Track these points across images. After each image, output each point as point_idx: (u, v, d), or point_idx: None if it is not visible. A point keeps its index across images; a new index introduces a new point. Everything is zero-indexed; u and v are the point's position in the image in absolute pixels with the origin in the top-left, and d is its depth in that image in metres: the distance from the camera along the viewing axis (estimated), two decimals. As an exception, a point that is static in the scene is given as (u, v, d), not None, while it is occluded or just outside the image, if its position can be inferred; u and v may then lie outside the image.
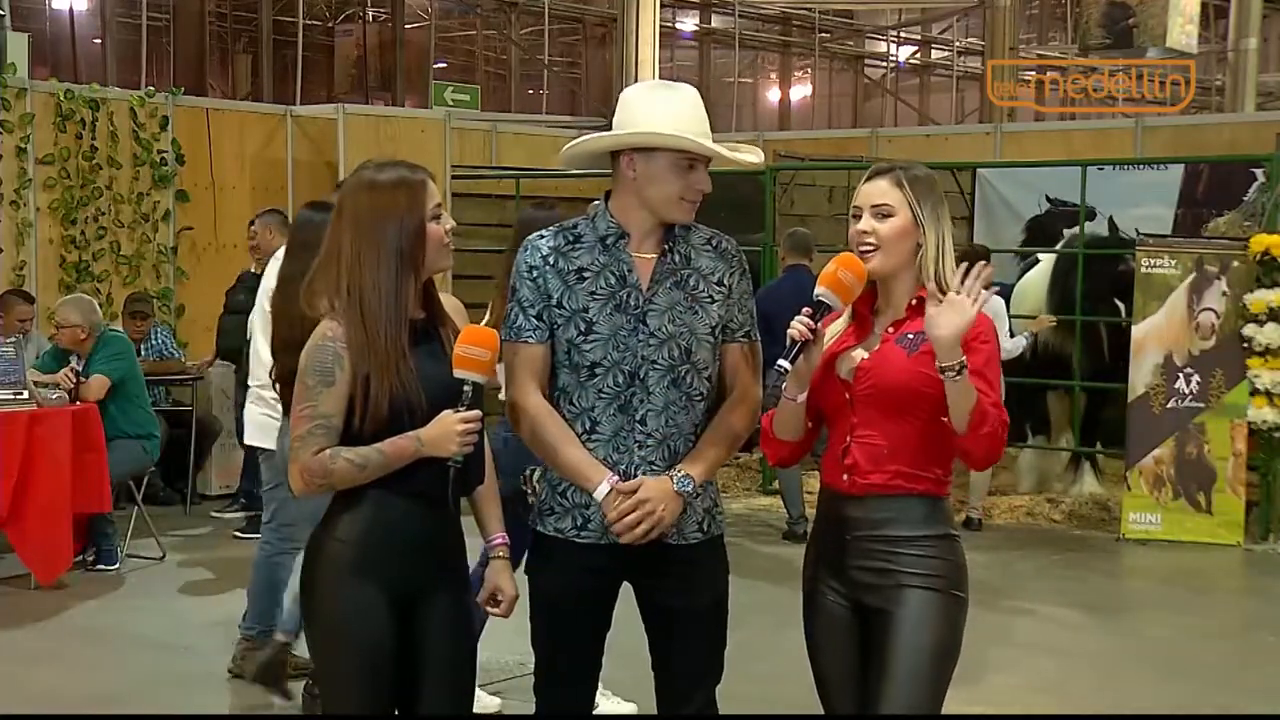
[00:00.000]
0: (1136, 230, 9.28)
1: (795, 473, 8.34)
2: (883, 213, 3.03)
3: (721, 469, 3.35)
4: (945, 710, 3.03)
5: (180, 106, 10.54)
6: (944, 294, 2.99)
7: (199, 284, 10.22)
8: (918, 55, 29.86)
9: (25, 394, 7.14)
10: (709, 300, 3.13)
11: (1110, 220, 9.67)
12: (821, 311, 2.97)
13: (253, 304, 8.89)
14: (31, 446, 7.01)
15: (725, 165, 3.29)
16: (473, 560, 3.29)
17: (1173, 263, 8.52)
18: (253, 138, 10.96)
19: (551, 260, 3.11)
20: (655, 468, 3.08)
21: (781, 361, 2.94)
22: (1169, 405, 8.45)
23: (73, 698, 5.51)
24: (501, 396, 3.18)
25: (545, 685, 3.22)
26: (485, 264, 11.65)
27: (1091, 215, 9.65)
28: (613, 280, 3.10)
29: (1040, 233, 10.66)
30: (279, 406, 4.98)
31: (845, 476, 3.04)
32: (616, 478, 3.02)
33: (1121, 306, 9.21)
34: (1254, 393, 8.31)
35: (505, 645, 5.20)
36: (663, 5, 18.47)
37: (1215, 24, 23.39)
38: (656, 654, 3.21)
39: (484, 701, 4.92)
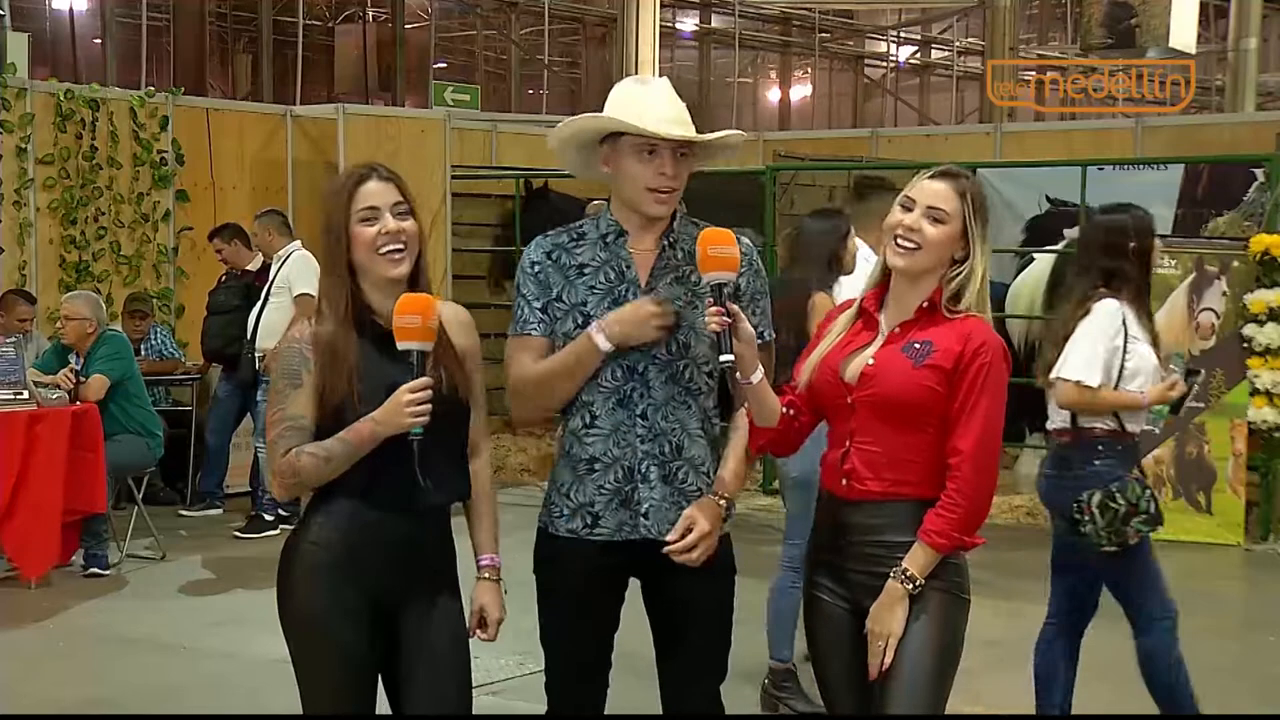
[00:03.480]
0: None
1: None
2: (936, 217, 2.99)
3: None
4: (945, 710, 3.03)
5: (180, 106, 10.54)
6: (956, 304, 2.98)
7: (199, 284, 10.20)
8: (918, 55, 29.83)
9: (25, 394, 7.15)
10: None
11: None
12: (721, 295, 2.90)
13: (234, 305, 8.93)
14: (31, 446, 7.02)
15: (716, 163, 3.28)
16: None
17: (1173, 263, 8.52)
18: (253, 138, 10.96)
19: (554, 256, 3.15)
20: (656, 461, 3.09)
21: (723, 357, 2.90)
22: (1169, 405, 8.44)
23: (72, 698, 5.52)
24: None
25: (557, 684, 3.22)
26: (486, 264, 11.69)
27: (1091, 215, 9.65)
28: (612, 275, 3.12)
29: (1041, 233, 10.65)
30: None
31: (844, 481, 3.03)
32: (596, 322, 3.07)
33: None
34: (1254, 393, 8.31)
35: (504, 645, 5.18)
36: (663, 5, 18.48)
37: (1215, 24, 23.37)
38: (661, 651, 3.22)
39: None
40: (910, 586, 2.93)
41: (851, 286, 5.19)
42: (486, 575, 3.09)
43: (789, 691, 5.22)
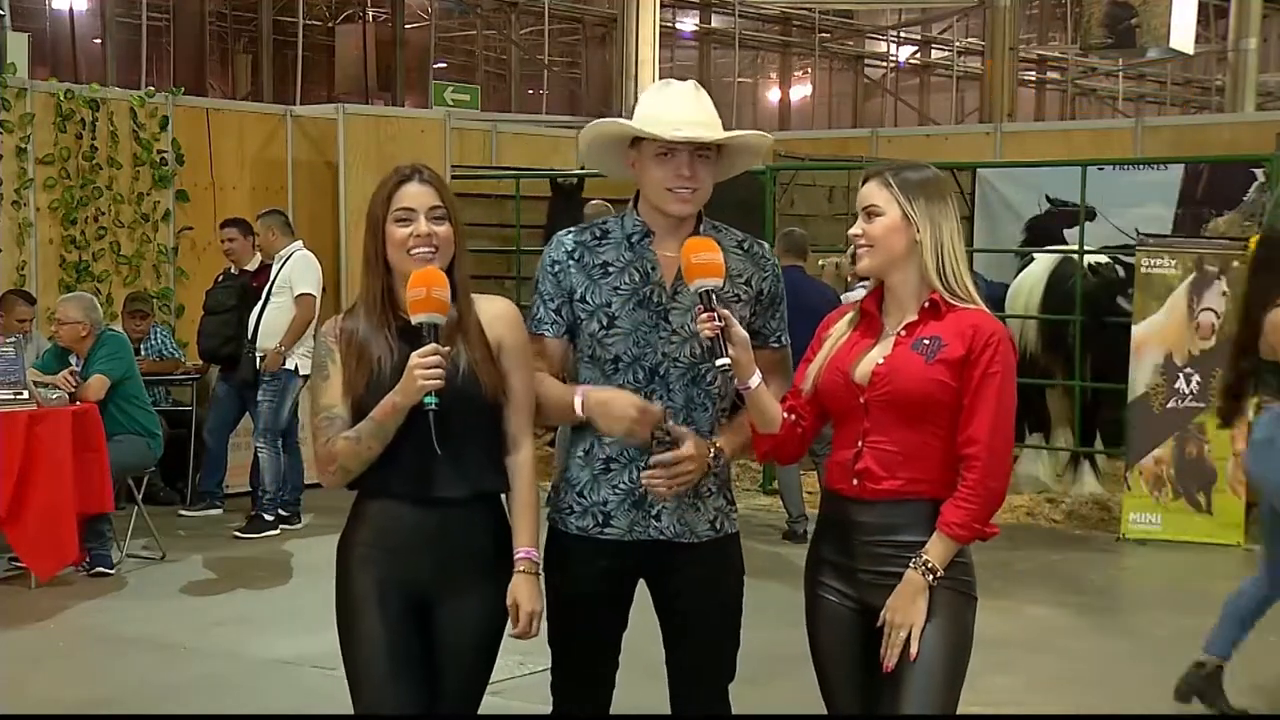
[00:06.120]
0: (1136, 230, 9.28)
1: (795, 472, 8.34)
2: (872, 213, 3.03)
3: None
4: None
5: (180, 106, 10.54)
6: (953, 295, 3.00)
7: (199, 284, 10.20)
8: (918, 55, 29.82)
9: (25, 394, 7.14)
10: (734, 299, 3.12)
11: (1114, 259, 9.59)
12: (711, 301, 2.94)
13: (230, 304, 8.91)
14: (31, 446, 7.01)
15: (738, 168, 3.28)
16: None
17: (1173, 263, 8.52)
18: (253, 138, 10.96)
19: (576, 255, 3.16)
20: None
21: (719, 361, 2.93)
22: (1169, 405, 8.45)
23: (72, 699, 5.52)
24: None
25: (564, 685, 3.23)
26: (486, 264, 11.69)
27: (1091, 215, 9.65)
28: (636, 277, 3.13)
29: (1040, 233, 10.65)
30: None
31: (855, 481, 3.03)
32: (586, 387, 3.09)
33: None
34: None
35: (504, 645, 5.18)
36: (663, 5, 18.45)
37: (1215, 24, 23.37)
38: (670, 653, 3.23)
39: None
40: (930, 578, 2.93)
41: None
42: (523, 569, 3.08)
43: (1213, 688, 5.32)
